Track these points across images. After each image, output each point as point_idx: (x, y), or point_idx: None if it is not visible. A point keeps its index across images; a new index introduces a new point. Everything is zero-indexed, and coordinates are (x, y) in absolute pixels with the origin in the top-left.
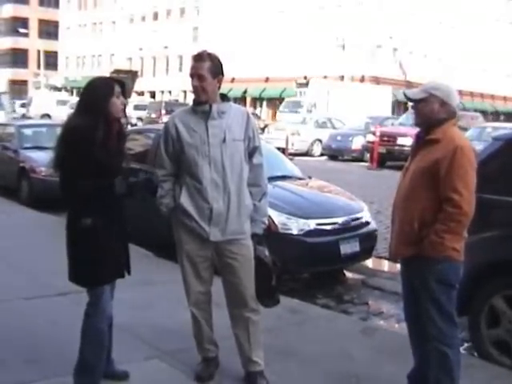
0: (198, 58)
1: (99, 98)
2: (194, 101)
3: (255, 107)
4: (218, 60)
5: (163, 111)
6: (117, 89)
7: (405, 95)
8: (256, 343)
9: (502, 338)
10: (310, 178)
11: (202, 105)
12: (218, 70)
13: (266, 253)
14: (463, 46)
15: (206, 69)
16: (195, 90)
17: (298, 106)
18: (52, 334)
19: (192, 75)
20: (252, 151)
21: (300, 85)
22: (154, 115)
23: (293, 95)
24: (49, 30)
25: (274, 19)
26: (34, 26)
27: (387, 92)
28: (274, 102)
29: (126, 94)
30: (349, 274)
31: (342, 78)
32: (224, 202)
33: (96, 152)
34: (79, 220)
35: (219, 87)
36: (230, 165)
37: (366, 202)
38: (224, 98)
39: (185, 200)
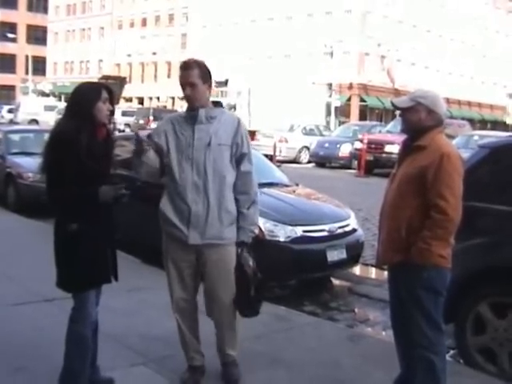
0: (186, 66)
1: (85, 102)
2: (188, 108)
3: None
4: (206, 66)
5: (151, 117)
6: (104, 94)
7: (392, 104)
8: (231, 340)
9: (488, 345)
10: (297, 185)
11: (193, 111)
12: (206, 75)
13: (250, 263)
14: (450, 54)
15: (196, 76)
16: (188, 99)
17: None
18: (39, 340)
19: (183, 84)
20: (240, 158)
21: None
22: (141, 121)
23: None
24: (37, 35)
25: (263, 26)
26: (22, 31)
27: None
28: None
29: (113, 100)
30: (336, 281)
31: (330, 85)
32: (203, 205)
33: (81, 155)
34: (65, 225)
35: (209, 92)
36: (212, 169)
37: (353, 209)
38: (217, 104)
39: (165, 204)
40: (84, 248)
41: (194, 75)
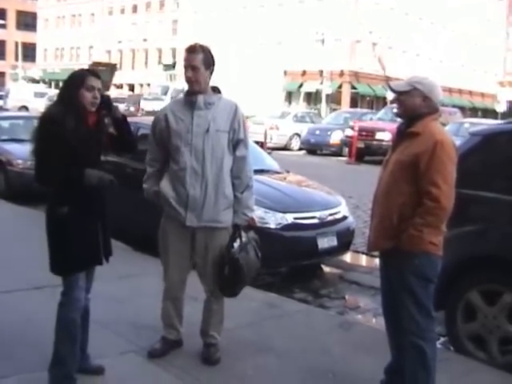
0: (192, 49)
1: (69, 88)
2: (187, 91)
3: None
4: (210, 52)
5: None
6: (89, 82)
7: (389, 87)
8: (216, 324)
9: (478, 332)
10: (288, 172)
11: (192, 95)
12: (210, 61)
13: (236, 244)
14: (442, 42)
15: (200, 60)
16: (189, 81)
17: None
18: (27, 328)
19: (186, 67)
20: (236, 143)
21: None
22: (132, 108)
23: None
24: (27, 21)
25: (254, 13)
26: (11, 17)
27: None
28: None
29: (103, 88)
30: (326, 269)
31: (321, 72)
32: (201, 189)
33: (68, 140)
34: (56, 208)
35: (210, 78)
36: (210, 154)
37: (344, 196)
38: (215, 90)
39: (165, 185)
40: (73, 231)
41: (197, 59)
